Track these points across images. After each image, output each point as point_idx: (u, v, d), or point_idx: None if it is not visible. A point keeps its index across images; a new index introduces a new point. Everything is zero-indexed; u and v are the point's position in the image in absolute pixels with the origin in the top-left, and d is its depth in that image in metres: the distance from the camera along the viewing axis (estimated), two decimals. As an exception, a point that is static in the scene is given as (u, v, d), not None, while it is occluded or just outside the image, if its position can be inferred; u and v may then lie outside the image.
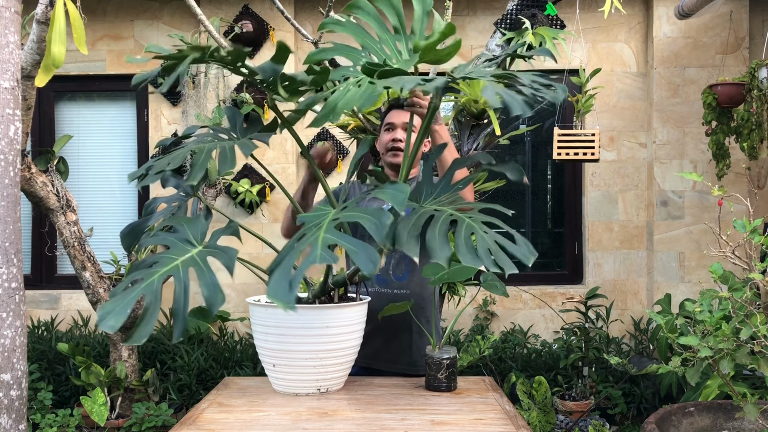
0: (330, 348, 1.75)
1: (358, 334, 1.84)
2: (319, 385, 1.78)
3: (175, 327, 1.31)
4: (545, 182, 4.94)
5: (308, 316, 1.73)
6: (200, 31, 4.25)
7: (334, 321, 1.75)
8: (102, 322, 1.25)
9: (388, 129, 2.22)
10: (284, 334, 1.74)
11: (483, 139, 3.21)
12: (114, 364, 3.69)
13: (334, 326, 1.74)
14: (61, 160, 3.65)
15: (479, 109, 3.11)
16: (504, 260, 1.32)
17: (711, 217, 4.37)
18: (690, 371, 1.84)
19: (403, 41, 1.74)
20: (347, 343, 1.80)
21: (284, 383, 1.79)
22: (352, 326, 1.80)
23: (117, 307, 1.28)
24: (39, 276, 4.75)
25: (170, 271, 1.39)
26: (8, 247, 2.07)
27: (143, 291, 1.34)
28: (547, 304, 4.51)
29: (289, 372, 1.77)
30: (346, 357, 1.81)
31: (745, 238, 1.95)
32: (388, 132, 2.22)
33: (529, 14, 3.25)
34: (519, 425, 1.54)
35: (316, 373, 1.76)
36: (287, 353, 1.75)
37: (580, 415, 3.80)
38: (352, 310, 1.80)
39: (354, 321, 1.81)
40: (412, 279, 2.15)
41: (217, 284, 1.33)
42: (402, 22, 1.74)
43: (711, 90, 3.93)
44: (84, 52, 2.52)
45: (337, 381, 1.83)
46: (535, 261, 1.35)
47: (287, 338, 1.74)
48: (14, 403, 2.07)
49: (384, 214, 1.35)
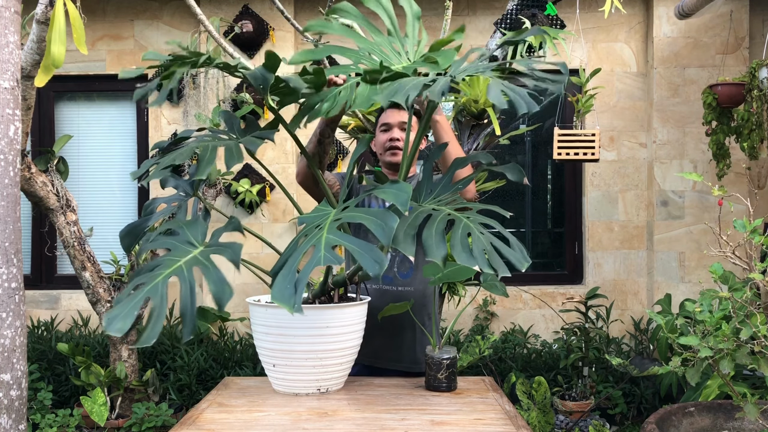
0: (330, 348, 1.75)
1: (358, 334, 1.84)
2: (319, 385, 1.78)
3: (184, 327, 1.32)
4: (545, 182, 4.94)
5: (308, 316, 1.73)
6: (200, 31, 4.25)
7: (334, 321, 1.75)
8: (109, 326, 1.26)
9: (384, 129, 2.24)
10: (284, 334, 1.74)
11: (483, 139, 3.21)
12: (114, 364, 3.69)
13: (334, 326, 1.74)
14: (61, 160, 3.65)
15: (479, 109, 3.11)
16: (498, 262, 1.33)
17: (711, 217, 4.37)
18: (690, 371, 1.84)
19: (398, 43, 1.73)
20: (347, 343, 1.80)
21: (284, 383, 1.79)
22: (352, 326, 1.80)
23: (123, 311, 1.29)
24: (39, 276, 4.75)
25: (174, 272, 1.40)
26: (8, 247, 2.07)
27: (149, 293, 1.34)
28: (547, 304, 4.51)
29: (288, 372, 1.77)
30: (345, 357, 1.81)
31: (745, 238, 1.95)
32: (384, 132, 2.23)
33: (529, 14, 3.26)
34: (519, 425, 1.54)
35: (316, 373, 1.76)
36: (287, 353, 1.75)
37: (580, 415, 3.80)
38: (352, 311, 1.80)
39: (354, 321, 1.80)
40: (416, 276, 2.16)
41: (224, 279, 1.34)
42: (395, 24, 1.75)
43: (711, 90, 3.93)
44: (84, 52, 2.51)
45: (337, 381, 1.83)
46: (535, 261, 1.36)
47: (287, 338, 1.74)
48: (14, 403, 2.07)
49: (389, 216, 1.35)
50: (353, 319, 1.80)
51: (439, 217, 1.46)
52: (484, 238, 1.37)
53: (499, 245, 1.36)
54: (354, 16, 1.74)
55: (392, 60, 1.70)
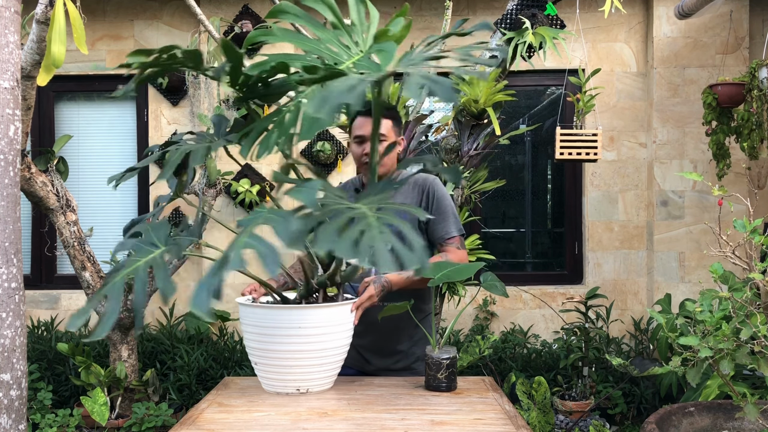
0: (304, 348, 1.74)
1: (339, 336, 1.80)
2: (298, 385, 1.78)
3: (136, 320, 1.43)
4: (545, 182, 4.94)
5: (281, 316, 1.74)
6: (200, 31, 4.25)
7: (306, 322, 1.73)
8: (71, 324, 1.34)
9: (358, 141, 2.12)
10: (261, 333, 1.76)
11: (483, 139, 3.21)
12: (114, 364, 3.69)
13: (306, 327, 1.73)
14: (61, 160, 3.65)
15: (479, 109, 3.11)
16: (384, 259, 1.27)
17: (711, 217, 4.37)
18: (691, 372, 1.84)
19: (346, 35, 1.60)
20: (326, 344, 1.76)
21: (266, 381, 1.82)
22: (329, 327, 1.76)
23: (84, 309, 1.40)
24: (39, 276, 4.75)
25: (132, 272, 1.47)
26: (8, 247, 2.07)
27: (107, 291, 1.42)
28: (547, 304, 4.51)
29: (268, 371, 1.79)
30: (326, 359, 1.78)
31: (745, 238, 1.95)
32: (359, 144, 2.12)
33: (529, 14, 3.25)
34: (519, 425, 1.54)
35: (293, 372, 1.76)
36: (265, 352, 1.77)
37: (580, 415, 3.80)
38: (326, 311, 1.76)
39: (330, 323, 1.76)
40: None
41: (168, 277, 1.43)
42: (338, 15, 1.61)
43: (711, 90, 3.93)
44: (84, 52, 2.52)
45: (318, 383, 1.81)
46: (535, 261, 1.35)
47: (265, 337, 1.76)
48: (14, 403, 2.07)
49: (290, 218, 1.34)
50: (329, 320, 1.76)
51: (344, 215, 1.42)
52: (381, 235, 1.34)
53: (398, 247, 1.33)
54: (296, 16, 1.59)
55: (342, 56, 1.56)
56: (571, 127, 3.75)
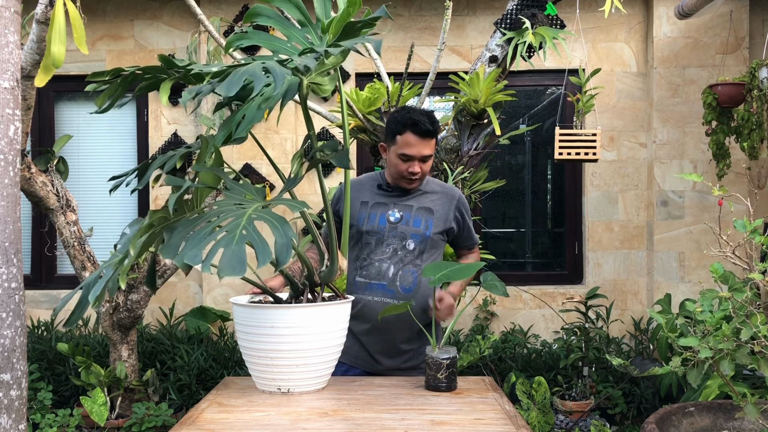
0: (280, 348, 1.73)
1: (320, 337, 1.76)
2: (278, 384, 1.77)
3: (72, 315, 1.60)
4: (545, 182, 4.94)
5: (256, 315, 1.76)
6: (200, 31, 4.25)
7: (278, 322, 1.72)
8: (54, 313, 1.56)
9: (405, 159, 2.15)
10: (244, 331, 1.79)
11: (483, 139, 3.21)
12: (114, 364, 3.69)
13: (279, 327, 1.72)
14: (61, 160, 3.65)
15: (479, 109, 3.11)
16: (229, 257, 1.36)
17: (711, 217, 4.37)
18: (691, 373, 1.84)
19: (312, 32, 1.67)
20: (302, 345, 1.74)
21: (255, 379, 1.84)
22: (304, 328, 1.74)
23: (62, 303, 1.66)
24: (39, 276, 4.75)
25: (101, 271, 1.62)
26: (8, 247, 2.06)
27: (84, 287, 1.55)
28: (547, 304, 4.51)
29: (253, 369, 1.81)
30: (306, 359, 1.76)
31: (746, 238, 1.95)
32: (405, 162, 2.15)
33: (529, 14, 3.25)
34: (519, 425, 1.54)
35: (272, 372, 1.76)
36: (249, 350, 1.79)
37: (580, 415, 3.80)
38: (298, 312, 1.74)
39: (304, 324, 1.73)
40: (418, 290, 2.16)
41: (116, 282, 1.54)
42: (305, 13, 1.68)
43: (711, 90, 3.93)
44: (84, 52, 2.51)
45: (302, 383, 1.78)
46: (535, 261, 1.36)
47: (247, 335, 1.78)
48: (14, 403, 2.07)
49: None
50: (302, 321, 1.73)
51: (221, 216, 1.52)
52: (239, 231, 1.42)
53: (254, 241, 1.42)
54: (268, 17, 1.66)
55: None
56: (570, 127, 3.74)
